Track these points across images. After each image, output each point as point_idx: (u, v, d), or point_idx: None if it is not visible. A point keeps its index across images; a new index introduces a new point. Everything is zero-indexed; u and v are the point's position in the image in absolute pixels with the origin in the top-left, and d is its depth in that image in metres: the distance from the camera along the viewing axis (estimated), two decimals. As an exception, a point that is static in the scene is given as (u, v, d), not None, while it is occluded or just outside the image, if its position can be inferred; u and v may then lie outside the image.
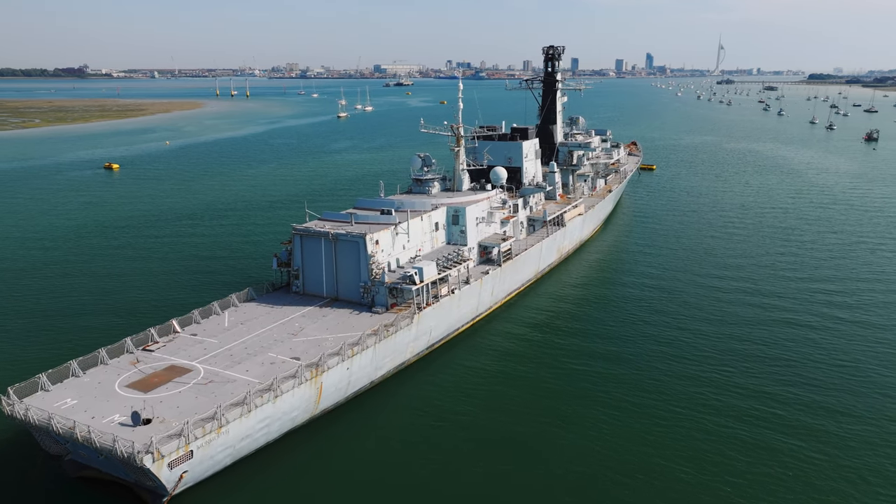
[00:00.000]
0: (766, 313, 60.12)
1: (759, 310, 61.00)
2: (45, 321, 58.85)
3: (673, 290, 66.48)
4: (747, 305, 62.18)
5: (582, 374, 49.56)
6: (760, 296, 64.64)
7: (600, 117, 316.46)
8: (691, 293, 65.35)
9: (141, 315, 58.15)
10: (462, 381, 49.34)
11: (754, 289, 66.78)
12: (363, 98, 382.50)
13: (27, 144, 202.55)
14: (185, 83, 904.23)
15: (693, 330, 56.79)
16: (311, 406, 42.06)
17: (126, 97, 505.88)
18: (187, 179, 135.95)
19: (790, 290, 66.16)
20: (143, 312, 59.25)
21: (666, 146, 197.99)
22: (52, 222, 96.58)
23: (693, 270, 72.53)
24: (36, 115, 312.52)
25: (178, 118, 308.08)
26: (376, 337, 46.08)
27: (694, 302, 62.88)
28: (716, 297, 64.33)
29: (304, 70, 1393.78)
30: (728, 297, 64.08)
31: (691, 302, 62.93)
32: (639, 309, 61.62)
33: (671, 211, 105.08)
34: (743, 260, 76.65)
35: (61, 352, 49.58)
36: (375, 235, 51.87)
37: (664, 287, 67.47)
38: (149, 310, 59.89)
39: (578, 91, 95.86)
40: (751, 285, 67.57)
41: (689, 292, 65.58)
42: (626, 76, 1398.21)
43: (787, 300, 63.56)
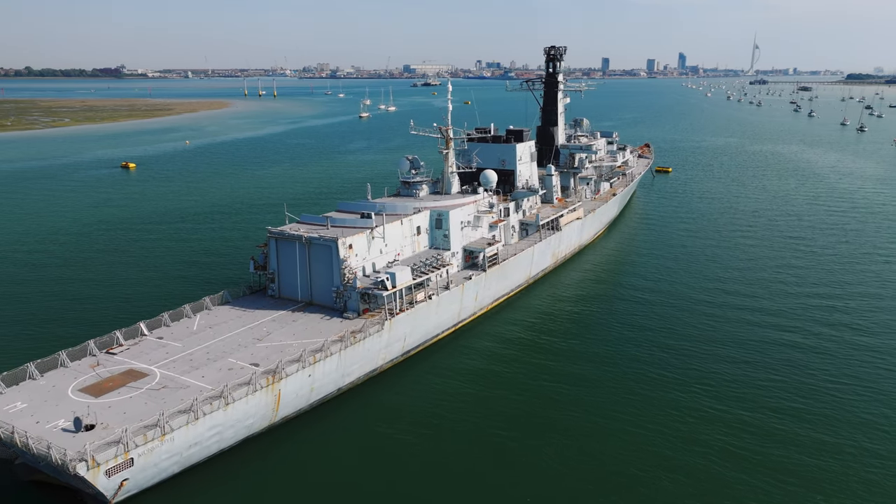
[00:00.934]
0: (762, 331, 56.45)
1: (753, 328, 57.33)
2: (12, 322, 58.84)
3: (666, 302, 64.01)
4: (740, 322, 58.41)
5: (553, 390, 48.06)
6: (758, 313, 60.39)
7: (624, 118, 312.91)
8: (684, 307, 62.61)
9: (115, 316, 58.07)
10: (435, 388, 48.32)
11: (750, 305, 62.70)
12: (386, 98, 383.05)
13: (53, 143, 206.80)
14: (217, 83, 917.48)
15: (676, 349, 54.36)
16: (270, 413, 41.40)
17: (157, 97, 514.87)
18: (197, 179, 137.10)
19: (789, 305, 62.53)
20: (118, 313, 59.15)
21: (687, 148, 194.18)
22: (50, 222, 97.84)
23: (690, 282, 69.73)
24: (67, 115, 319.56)
25: (203, 118, 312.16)
26: (342, 343, 45.26)
27: (685, 317, 59.96)
28: (708, 312, 61.27)
29: (333, 70, 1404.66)
30: (720, 313, 60.66)
31: (682, 317, 60.07)
32: (627, 322, 59.51)
33: (680, 216, 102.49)
34: (743, 271, 72.94)
35: (23, 353, 48.97)
36: (349, 239, 51.06)
37: (657, 299, 65.12)
38: (125, 311, 59.76)
39: (579, 92, 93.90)
40: (748, 301, 63.45)
41: (681, 306, 62.82)
42: (658, 76, 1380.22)
43: (784, 317, 59.66)
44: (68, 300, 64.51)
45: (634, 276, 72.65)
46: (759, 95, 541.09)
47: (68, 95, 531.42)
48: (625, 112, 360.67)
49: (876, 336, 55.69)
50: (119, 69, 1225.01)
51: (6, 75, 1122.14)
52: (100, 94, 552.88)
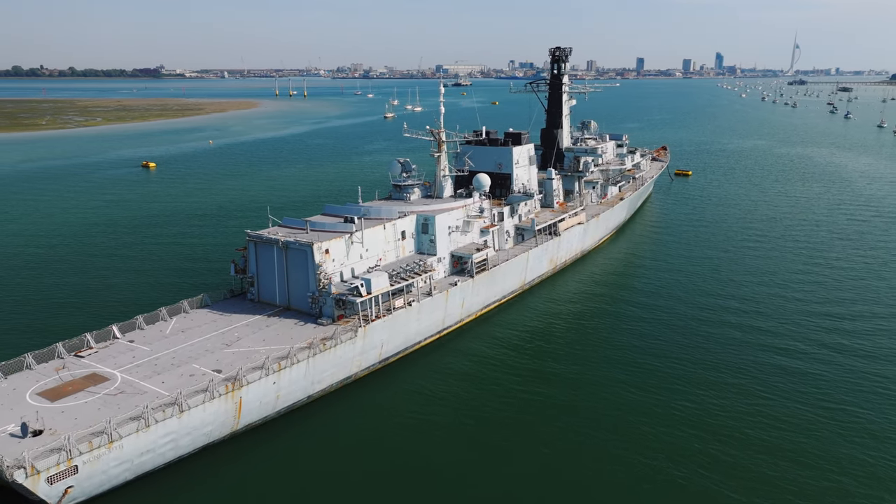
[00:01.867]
0: (761, 355, 52.62)
1: (750, 350, 53.67)
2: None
3: (662, 315, 61.38)
4: (734, 343, 54.79)
5: (533, 401, 46.66)
6: (757, 332, 56.64)
7: (652, 119, 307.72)
8: (680, 321, 59.84)
9: (104, 315, 58.18)
10: (412, 397, 47.38)
11: (748, 323, 58.80)
12: (413, 98, 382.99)
13: (81, 142, 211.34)
14: (251, 83, 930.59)
15: (666, 355, 52.79)
16: (231, 421, 40.85)
17: (190, 97, 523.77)
18: (211, 180, 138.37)
19: (793, 326, 58.68)
20: (105, 313, 59.15)
21: (712, 150, 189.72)
22: (52, 221, 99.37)
23: (691, 293, 66.60)
24: (100, 115, 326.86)
25: (230, 118, 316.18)
26: (310, 351, 44.54)
27: (678, 332, 57.04)
28: (702, 330, 58.21)
29: (366, 70, 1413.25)
30: (716, 331, 57.26)
31: (676, 331, 57.27)
32: (621, 332, 57.47)
33: (693, 221, 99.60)
34: (748, 286, 68.75)
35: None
36: (325, 244, 50.34)
37: (654, 311, 62.65)
38: (112, 311, 59.67)
39: (583, 95, 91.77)
40: (746, 319, 59.80)
41: (677, 320, 59.96)
42: (694, 76, 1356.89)
43: (787, 338, 55.70)
44: (61, 299, 65.14)
45: (635, 285, 70.54)
46: (795, 96, 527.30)
47: (109, 95, 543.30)
48: (653, 113, 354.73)
49: (880, 361, 52.53)
50: (158, 69, 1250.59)
51: (50, 76, 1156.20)
52: (139, 94, 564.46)
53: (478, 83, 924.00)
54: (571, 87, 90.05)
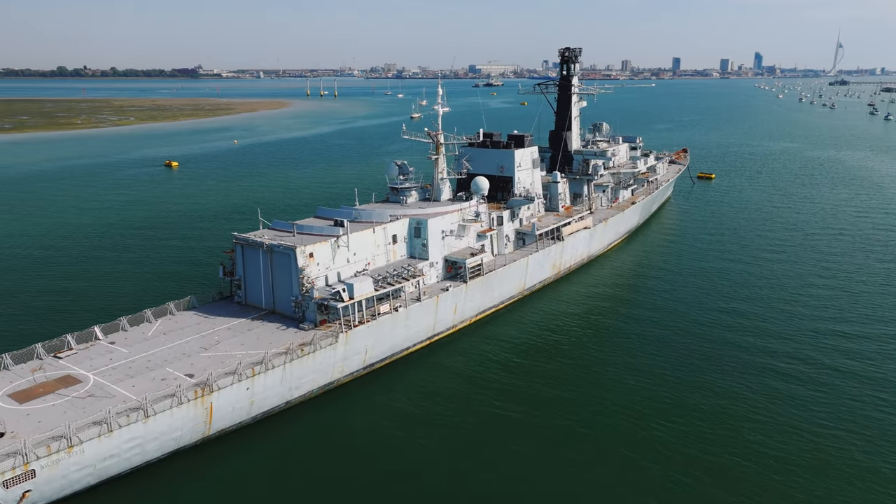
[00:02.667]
0: (765, 377, 50.40)
1: (758, 371, 51.37)
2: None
3: (661, 325, 59.08)
4: (735, 362, 52.34)
5: (514, 418, 45.36)
6: (765, 354, 54.67)
7: (682, 120, 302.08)
8: (681, 332, 57.71)
9: (92, 315, 58.45)
10: (395, 406, 46.47)
11: (753, 344, 57.47)
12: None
13: (111, 141, 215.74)
14: (285, 83, 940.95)
15: (657, 375, 50.77)
16: (201, 426, 40.46)
17: (224, 96, 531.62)
18: (228, 179, 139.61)
19: (803, 339, 56.27)
20: (91, 313, 59.51)
21: (740, 152, 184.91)
22: (65, 219, 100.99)
23: (696, 304, 63.86)
24: (133, 114, 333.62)
25: (259, 118, 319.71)
26: (286, 356, 43.96)
27: (677, 344, 55.19)
28: (706, 342, 56.57)
29: (399, 70, 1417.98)
30: (719, 347, 55.10)
31: (675, 343, 55.45)
32: (613, 346, 55.42)
33: (709, 227, 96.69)
34: (757, 299, 65.80)
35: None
36: (309, 248, 49.73)
37: (657, 319, 60.50)
38: (100, 311, 59.94)
39: (591, 96, 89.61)
40: (755, 339, 57.08)
41: (678, 330, 57.85)
42: (731, 76, 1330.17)
43: (793, 360, 52.97)
44: (53, 298, 65.90)
45: (639, 294, 68.47)
46: (834, 97, 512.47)
47: (148, 95, 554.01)
48: (684, 114, 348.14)
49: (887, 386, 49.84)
50: (196, 69, 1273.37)
51: (93, 76, 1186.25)
52: (177, 94, 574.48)
53: (510, 83, 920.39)
54: (581, 88, 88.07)
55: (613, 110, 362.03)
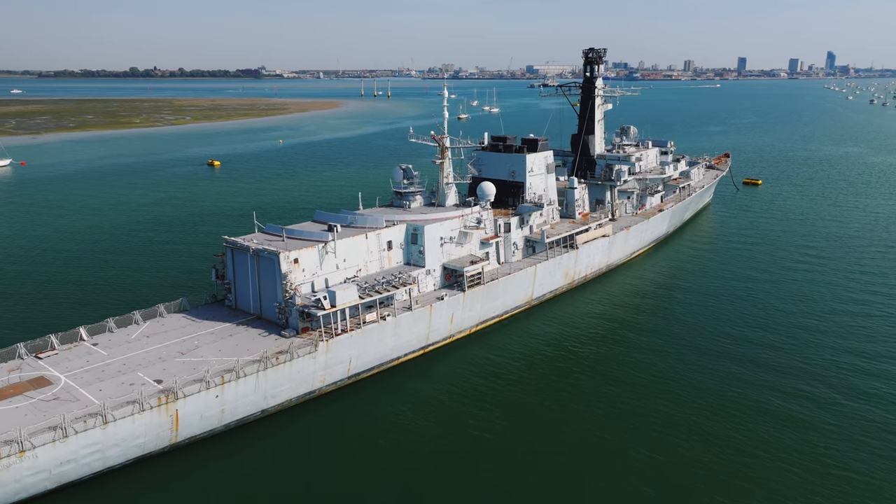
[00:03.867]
0: (784, 404, 47.00)
1: (778, 396, 47.96)
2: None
3: (676, 341, 56.25)
4: (749, 387, 49.82)
5: (505, 432, 43.32)
6: (787, 375, 51.36)
7: (738, 123, 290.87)
8: (696, 351, 54.56)
9: (71, 316, 59.21)
10: (379, 418, 45.17)
11: (768, 378, 54.32)
12: (491, 99, 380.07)
13: (163, 140, 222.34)
14: (343, 84, 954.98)
15: (664, 397, 47.86)
16: (167, 433, 39.97)
17: (281, 96, 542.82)
18: (264, 178, 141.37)
19: (820, 370, 51.80)
20: (85, 312, 60.24)
21: (795, 157, 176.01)
22: (94, 216, 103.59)
23: (719, 321, 60.16)
24: (190, 113, 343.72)
25: (309, 118, 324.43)
26: (260, 364, 43.13)
27: (691, 364, 52.03)
28: (721, 359, 53.40)
29: (456, 71, 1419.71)
30: (737, 369, 51.90)
31: (689, 363, 52.27)
32: (621, 362, 52.70)
33: (748, 237, 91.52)
34: (784, 318, 61.61)
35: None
36: (294, 253, 48.83)
37: (669, 336, 57.50)
38: (107, 307, 60.59)
39: (614, 98, 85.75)
40: (764, 367, 53.44)
41: (694, 349, 54.81)
42: (801, 77, 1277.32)
43: (804, 394, 49.32)
44: (57, 295, 67.19)
45: (658, 305, 65.17)
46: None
47: (210, 95, 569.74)
48: (743, 116, 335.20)
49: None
50: (258, 70, 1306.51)
51: (162, 76, 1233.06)
52: (240, 94, 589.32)
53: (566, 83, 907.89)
54: (606, 90, 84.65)
55: (663, 112, 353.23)
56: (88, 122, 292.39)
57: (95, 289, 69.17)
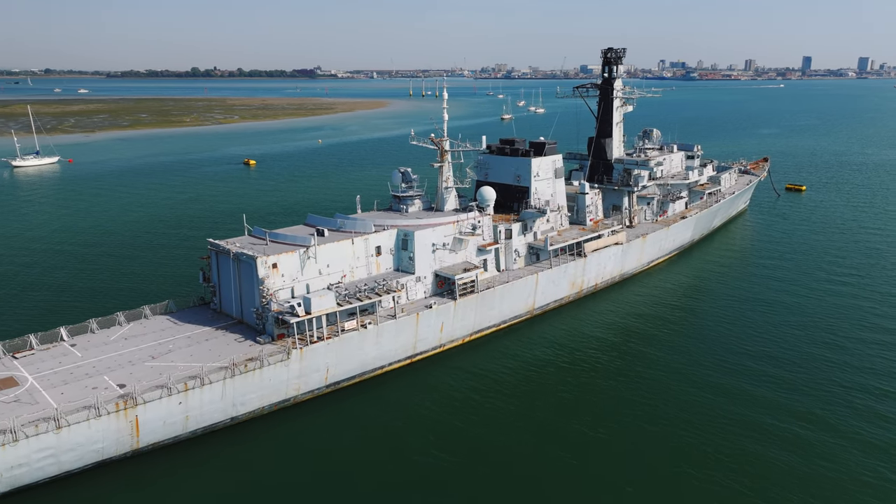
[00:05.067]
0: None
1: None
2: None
3: (684, 361, 53.22)
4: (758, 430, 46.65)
5: (492, 446, 41.40)
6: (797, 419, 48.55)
7: (794, 125, 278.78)
8: (705, 364, 51.87)
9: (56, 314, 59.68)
10: (356, 429, 44.10)
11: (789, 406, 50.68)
12: (535, 100, 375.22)
13: (207, 138, 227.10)
14: (394, 84, 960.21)
15: (662, 422, 45.03)
16: (128, 439, 39.54)
17: (331, 96, 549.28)
18: (292, 178, 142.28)
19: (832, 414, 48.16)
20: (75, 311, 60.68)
21: (848, 162, 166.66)
22: (119, 213, 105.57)
23: (732, 340, 56.58)
24: (239, 112, 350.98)
25: (353, 117, 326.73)
26: (226, 371, 42.33)
27: (692, 396, 48.74)
28: (728, 389, 50.20)
29: (509, 71, 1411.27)
30: (742, 401, 48.19)
31: (691, 391, 49.07)
32: (625, 380, 50.02)
33: (781, 247, 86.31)
34: (802, 343, 57.22)
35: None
36: (272, 258, 47.91)
37: (679, 350, 54.88)
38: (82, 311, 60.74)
39: (632, 99, 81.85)
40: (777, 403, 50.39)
41: (701, 372, 51.50)
42: (871, 76, 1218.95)
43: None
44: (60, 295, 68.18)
45: (670, 319, 61.93)
46: None
47: (271, 94, 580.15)
48: (799, 117, 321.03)
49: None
50: (314, 70, 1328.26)
51: (221, 76, 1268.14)
52: (298, 93, 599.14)
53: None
54: (626, 92, 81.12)
55: (715, 113, 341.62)
56: (141, 120, 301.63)
57: (105, 286, 70.15)
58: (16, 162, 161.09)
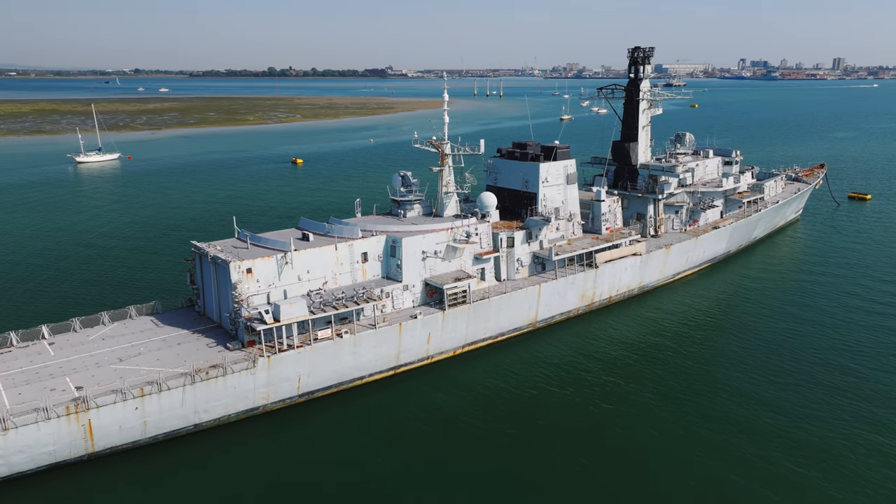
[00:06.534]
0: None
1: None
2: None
3: (693, 382, 49.65)
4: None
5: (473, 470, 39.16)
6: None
7: (874, 128, 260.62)
8: (718, 391, 47.93)
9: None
10: (331, 440, 42.87)
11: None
12: (600, 101, 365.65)
13: (265, 137, 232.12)
14: (461, 83, 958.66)
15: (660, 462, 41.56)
16: (81, 443, 39.30)
17: (396, 95, 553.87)
18: (331, 178, 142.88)
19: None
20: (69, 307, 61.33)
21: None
22: (151, 210, 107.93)
23: (757, 370, 51.72)
24: (303, 112, 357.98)
25: (411, 117, 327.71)
26: (186, 378, 41.59)
27: (706, 404, 45.61)
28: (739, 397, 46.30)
29: (580, 70, 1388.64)
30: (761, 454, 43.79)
31: (700, 403, 45.80)
32: (625, 408, 46.41)
33: (826, 261, 79.62)
34: (837, 379, 52.55)
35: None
36: (247, 263, 46.93)
37: (687, 375, 50.90)
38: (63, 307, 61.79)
39: (658, 101, 76.60)
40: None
41: (716, 388, 48.04)
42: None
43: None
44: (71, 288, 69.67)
45: (689, 337, 57.66)
46: None
47: (341, 94, 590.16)
48: (884, 119, 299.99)
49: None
50: (385, 70, 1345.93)
51: (296, 76, 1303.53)
52: (367, 92, 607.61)
53: (694, 84, 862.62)
54: (654, 93, 76.32)
55: (785, 115, 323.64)
56: (208, 118, 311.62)
57: (121, 281, 71.49)
58: (79, 158, 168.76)
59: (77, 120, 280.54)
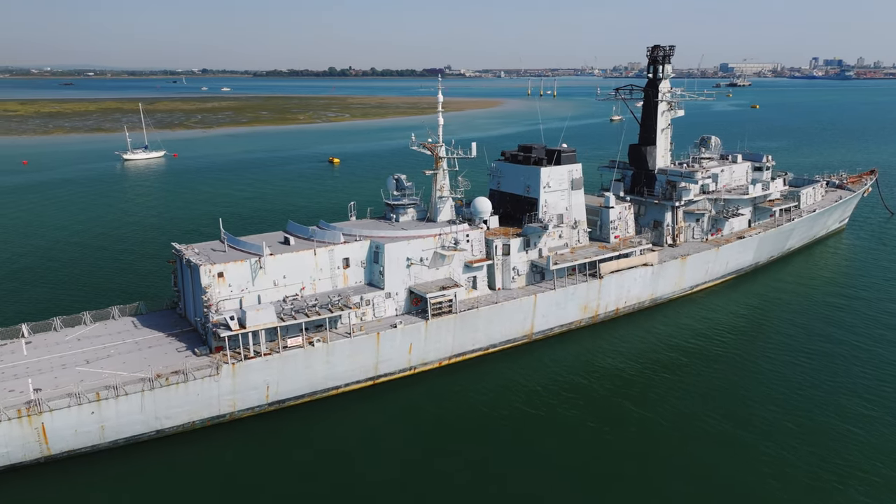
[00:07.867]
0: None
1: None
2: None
3: (698, 405, 46.29)
4: None
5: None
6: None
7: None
8: (724, 415, 44.52)
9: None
10: (300, 450, 41.76)
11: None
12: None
13: (310, 136, 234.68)
14: (516, 83, 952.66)
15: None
16: (35, 446, 39.06)
17: (448, 95, 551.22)
18: (361, 178, 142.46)
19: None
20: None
21: None
22: (184, 206, 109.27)
23: (769, 399, 48.39)
24: (352, 111, 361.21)
25: (458, 117, 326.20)
26: (145, 384, 40.87)
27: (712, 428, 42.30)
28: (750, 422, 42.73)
29: (641, 70, 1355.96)
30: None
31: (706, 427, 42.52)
32: (621, 433, 43.69)
33: (868, 277, 73.65)
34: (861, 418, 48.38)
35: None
36: (218, 267, 45.97)
37: (684, 401, 47.49)
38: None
39: (677, 102, 71.72)
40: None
41: (720, 412, 44.63)
42: None
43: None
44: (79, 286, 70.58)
45: (699, 355, 53.92)
46: None
47: (398, 94, 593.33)
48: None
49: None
50: (443, 69, 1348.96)
51: (355, 75, 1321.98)
52: (427, 92, 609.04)
53: (760, 83, 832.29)
54: (675, 94, 71.86)
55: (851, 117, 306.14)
56: (260, 117, 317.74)
57: (126, 280, 72.24)
58: (126, 155, 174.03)
59: (136, 118, 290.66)
